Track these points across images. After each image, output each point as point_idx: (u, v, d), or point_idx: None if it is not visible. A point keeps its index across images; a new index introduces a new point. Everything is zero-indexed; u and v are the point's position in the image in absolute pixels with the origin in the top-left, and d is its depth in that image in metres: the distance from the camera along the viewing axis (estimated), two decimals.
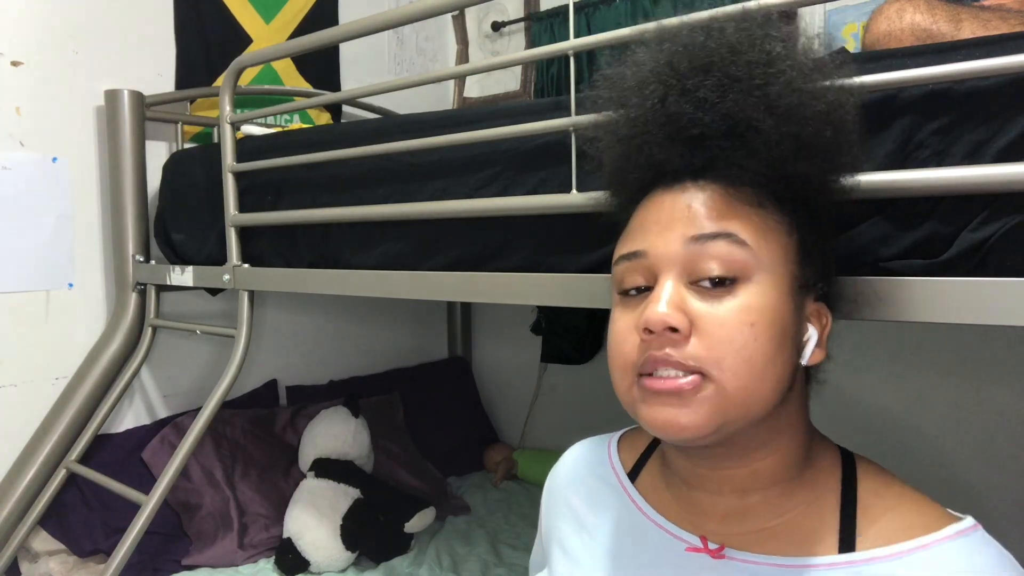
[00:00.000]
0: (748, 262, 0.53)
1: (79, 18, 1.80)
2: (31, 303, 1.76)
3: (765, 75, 0.54)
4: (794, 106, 0.54)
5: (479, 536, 2.00)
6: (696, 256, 0.53)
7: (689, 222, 0.54)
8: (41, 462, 1.69)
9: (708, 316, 0.52)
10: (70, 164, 1.80)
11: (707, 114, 0.54)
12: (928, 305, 0.71)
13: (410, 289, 1.22)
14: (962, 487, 1.75)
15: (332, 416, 2.05)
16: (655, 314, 0.52)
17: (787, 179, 0.55)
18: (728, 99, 0.54)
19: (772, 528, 0.57)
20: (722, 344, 0.51)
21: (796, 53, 0.55)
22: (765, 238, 0.54)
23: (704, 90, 0.54)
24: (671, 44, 0.58)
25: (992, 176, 0.67)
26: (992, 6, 0.90)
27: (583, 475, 0.72)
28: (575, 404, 2.51)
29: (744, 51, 0.55)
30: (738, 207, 0.54)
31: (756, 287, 0.53)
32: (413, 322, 2.72)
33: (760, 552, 0.57)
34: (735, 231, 0.53)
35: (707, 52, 0.55)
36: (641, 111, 0.57)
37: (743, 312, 0.52)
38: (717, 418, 0.52)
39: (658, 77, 0.57)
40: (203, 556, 1.77)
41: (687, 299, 0.53)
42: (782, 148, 0.54)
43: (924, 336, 1.79)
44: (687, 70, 0.55)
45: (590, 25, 2.30)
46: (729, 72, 0.54)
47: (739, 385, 0.52)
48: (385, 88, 1.26)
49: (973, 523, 0.53)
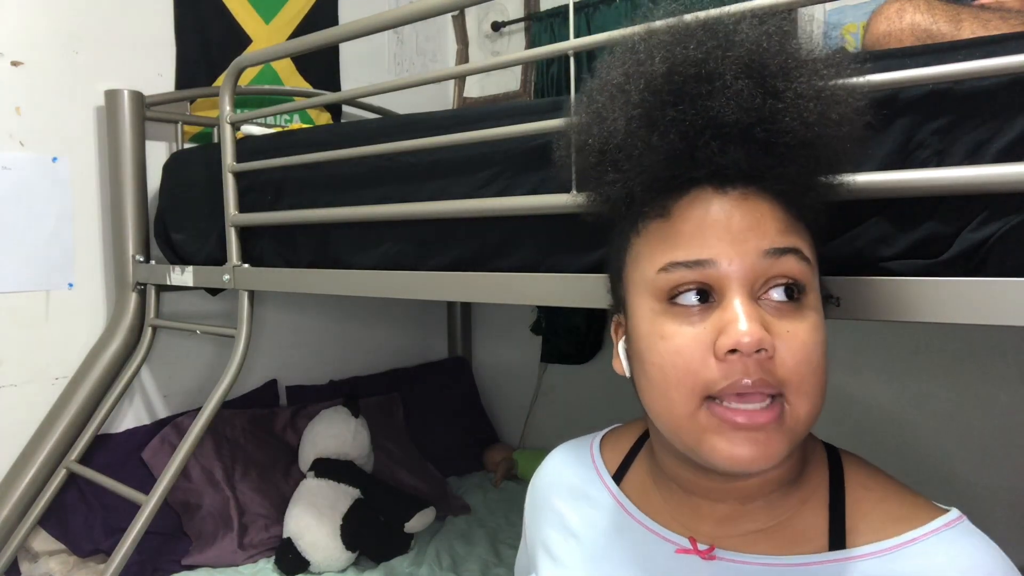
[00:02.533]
0: (810, 279, 0.52)
1: (79, 18, 1.80)
2: (31, 303, 1.76)
3: (830, 100, 0.53)
4: (832, 112, 0.53)
5: (479, 536, 2.00)
6: (767, 270, 0.51)
7: (762, 234, 0.51)
8: (41, 462, 1.69)
9: (788, 335, 0.50)
10: (70, 164, 1.80)
11: (796, 122, 0.52)
12: (928, 305, 0.71)
13: (410, 289, 1.22)
14: (962, 487, 1.75)
15: (332, 416, 2.05)
16: (743, 335, 0.48)
17: (816, 190, 0.55)
18: (813, 110, 0.51)
19: (765, 530, 0.57)
20: (804, 365, 0.50)
21: (819, 55, 0.55)
22: (813, 252, 0.54)
23: (793, 97, 0.52)
24: (738, 36, 0.53)
25: (992, 176, 0.67)
26: (992, 6, 0.90)
27: (567, 478, 0.71)
28: (575, 404, 2.51)
29: (809, 62, 0.53)
30: (791, 220, 0.53)
31: (814, 303, 0.52)
32: (413, 322, 2.72)
33: (751, 552, 0.56)
34: (800, 246, 0.52)
35: (785, 55, 0.53)
36: (717, 102, 0.51)
37: (815, 330, 0.51)
38: (788, 447, 0.50)
39: (744, 70, 0.52)
40: (203, 556, 1.77)
41: (763, 316, 0.50)
42: (822, 161, 0.54)
43: (924, 336, 1.79)
44: (773, 72, 0.52)
45: (590, 25, 2.30)
46: (816, 85, 0.52)
47: (808, 409, 0.51)
48: (385, 88, 1.26)
49: (958, 514, 0.54)
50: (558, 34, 2.45)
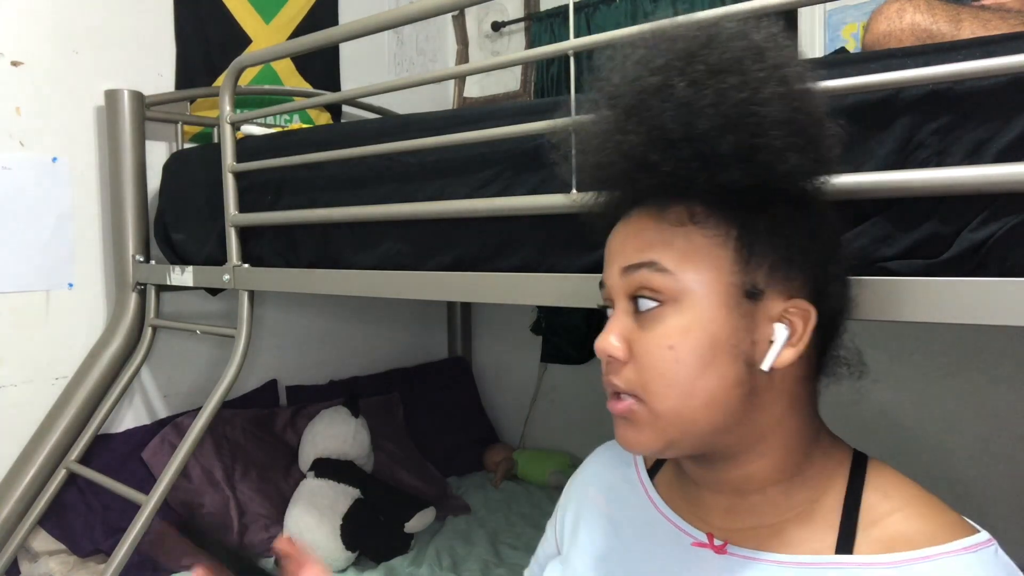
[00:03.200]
0: (669, 287, 0.55)
1: (79, 18, 1.80)
2: (31, 303, 1.76)
3: (652, 104, 0.55)
4: (687, 130, 0.53)
5: (479, 536, 2.00)
6: (629, 286, 0.57)
7: (622, 253, 0.58)
8: (41, 462, 1.69)
9: (638, 343, 0.56)
10: (70, 164, 1.80)
11: (613, 150, 0.58)
12: (928, 305, 0.71)
13: (410, 289, 1.22)
14: (962, 487, 1.75)
15: (332, 416, 2.05)
16: (598, 344, 0.58)
17: (705, 194, 0.56)
18: (628, 135, 0.56)
19: (773, 525, 0.58)
20: (647, 369, 0.55)
21: (689, 75, 0.54)
22: (690, 258, 0.55)
23: (610, 131, 0.58)
24: (596, 83, 0.62)
25: (992, 176, 0.67)
26: (992, 6, 0.90)
27: (608, 472, 0.75)
28: (575, 404, 2.51)
29: (630, 86, 0.57)
30: (664, 231, 0.56)
31: (680, 309, 0.55)
32: (413, 322, 2.72)
33: (761, 549, 0.58)
34: (656, 259, 0.56)
35: (608, 91, 0.59)
36: (589, 151, 0.62)
37: (662, 336, 0.55)
38: (660, 437, 0.56)
39: (606, 112, 0.60)
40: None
41: (631, 326, 0.57)
42: (682, 170, 0.55)
43: (924, 336, 1.79)
44: (602, 108, 0.60)
45: (590, 25, 2.30)
46: (625, 108, 0.57)
47: (667, 406, 0.55)
48: (385, 88, 1.26)
49: (987, 538, 0.52)
50: (558, 34, 2.45)
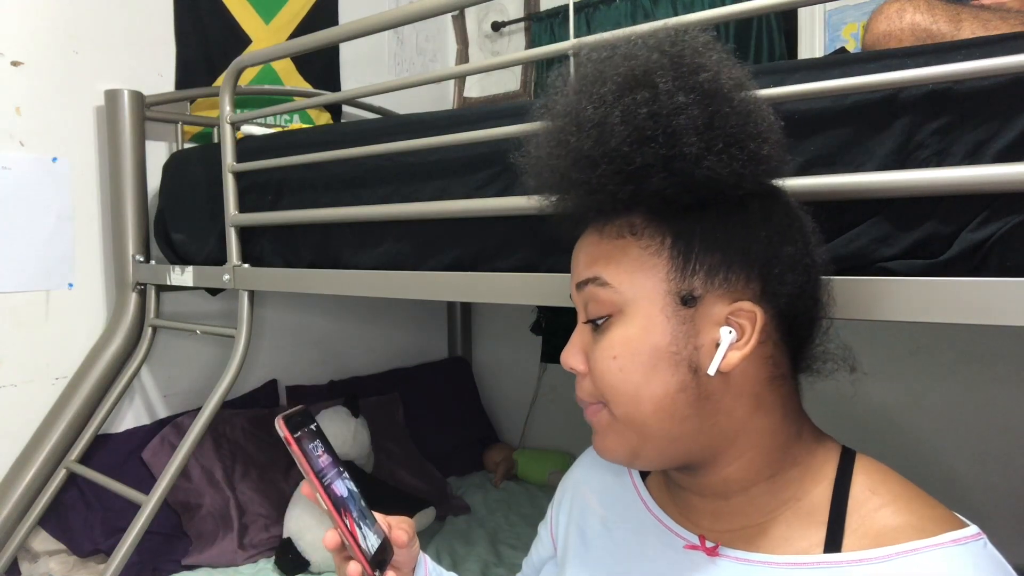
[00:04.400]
0: (612, 299, 0.57)
1: (79, 18, 1.80)
2: (31, 303, 1.76)
3: (571, 130, 0.57)
4: (602, 148, 0.54)
5: (479, 536, 2.00)
6: (581, 300, 0.60)
7: (575, 269, 0.62)
8: (41, 462, 1.69)
9: (592, 353, 0.59)
10: (70, 164, 1.80)
11: (548, 175, 0.61)
12: (928, 305, 0.71)
13: (410, 289, 1.22)
14: (961, 487, 1.75)
15: (332, 416, 2.05)
16: (562, 358, 0.62)
17: (628, 207, 0.57)
18: (558, 160, 0.58)
19: (761, 524, 0.58)
20: (597, 379, 0.58)
21: (595, 97, 0.55)
22: (627, 269, 0.57)
23: (545, 157, 0.60)
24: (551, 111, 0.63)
25: (992, 176, 0.67)
26: (992, 6, 0.90)
27: (600, 472, 0.75)
28: (575, 404, 2.49)
29: (553, 120, 0.59)
30: (606, 245, 0.58)
31: (624, 321, 0.57)
32: (413, 322, 2.71)
33: (751, 550, 0.58)
34: (599, 273, 0.58)
35: (546, 118, 0.61)
36: (543, 168, 0.63)
37: (605, 348, 0.57)
38: (625, 443, 0.58)
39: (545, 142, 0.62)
40: (203, 556, 1.77)
41: (588, 340, 0.60)
42: (604, 186, 0.55)
43: (924, 336, 1.79)
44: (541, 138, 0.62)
45: (590, 25, 2.30)
46: (556, 136, 0.58)
47: (624, 412, 0.57)
48: (385, 88, 1.26)
49: (976, 532, 0.51)
50: (558, 34, 2.45)
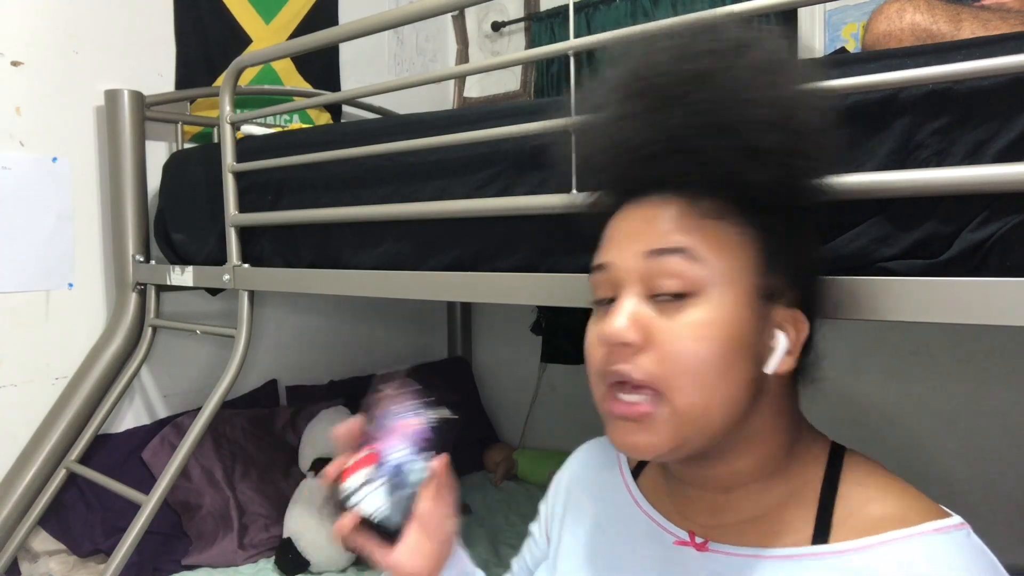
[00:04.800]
0: (702, 277, 0.54)
1: (79, 18, 1.80)
2: (31, 303, 1.76)
3: (700, 91, 0.54)
4: (737, 120, 0.54)
5: (479, 536, 2.00)
6: (652, 270, 0.55)
7: (648, 236, 0.56)
8: (41, 462, 1.69)
9: (662, 330, 0.54)
10: (70, 164, 1.80)
11: (648, 136, 0.56)
12: (928, 305, 0.71)
13: (410, 289, 1.22)
14: (961, 487, 1.75)
15: (332, 416, 2.05)
16: (610, 328, 0.54)
17: (744, 189, 0.56)
18: (671, 121, 0.55)
19: (753, 519, 0.59)
20: (671, 359, 0.53)
21: (739, 64, 0.55)
22: (722, 251, 0.55)
23: (645, 114, 0.56)
24: (623, 65, 0.60)
25: (992, 176, 0.67)
26: (992, 6, 0.90)
27: (592, 471, 0.75)
28: (575, 404, 2.51)
29: (677, 69, 0.56)
30: (697, 220, 0.55)
31: (710, 301, 0.54)
32: (413, 322, 2.71)
33: (740, 544, 0.59)
34: (689, 246, 0.54)
35: (644, 75, 0.58)
36: (601, 133, 0.61)
37: (693, 327, 0.53)
38: (674, 438, 0.54)
39: (612, 99, 0.60)
40: (203, 556, 1.77)
41: (647, 313, 0.55)
42: (729, 160, 0.54)
43: (924, 336, 1.79)
44: (631, 93, 0.58)
45: (590, 25, 2.30)
46: (666, 93, 0.56)
47: (689, 402, 0.53)
48: (385, 88, 1.26)
49: (959, 522, 0.53)
50: (558, 34, 2.45)
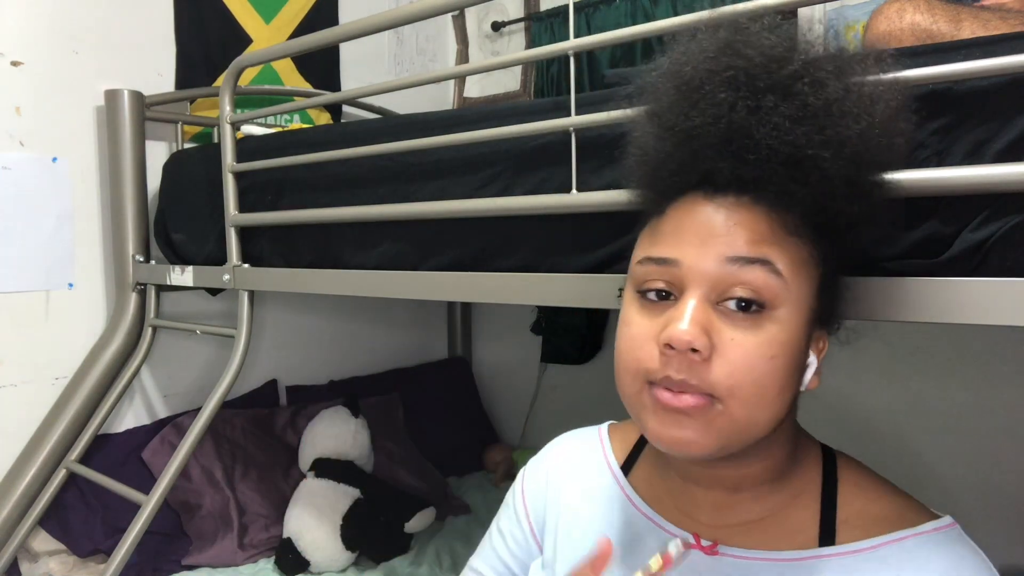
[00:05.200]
0: (779, 293, 0.52)
1: (79, 18, 1.80)
2: (31, 303, 1.76)
3: (842, 114, 0.51)
4: (860, 152, 0.52)
5: (479, 536, 1.98)
6: (729, 277, 0.52)
7: (729, 241, 0.52)
8: (41, 462, 1.69)
9: (732, 342, 0.51)
10: (70, 164, 1.80)
11: (774, 139, 0.51)
12: (928, 305, 0.71)
13: (410, 289, 1.22)
14: (960, 487, 1.75)
15: (332, 416, 2.05)
16: (680, 332, 0.51)
17: (830, 215, 0.54)
18: (800, 130, 0.51)
19: (760, 521, 0.59)
20: (740, 373, 0.51)
21: (871, 89, 0.53)
22: (798, 270, 0.53)
23: (779, 115, 0.51)
24: (752, 45, 0.54)
25: (992, 176, 0.67)
26: (992, 6, 0.90)
27: (576, 468, 0.73)
28: (575, 404, 2.51)
29: (827, 81, 0.52)
30: (779, 233, 0.53)
31: (781, 319, 0.52)
32: (413, 322, 2.71)
33: (750, 547, 0.58)
34: (773, 259, 0.52)
35: (791, 73, 0.52)
36: (703, 112, 0.54)
37: (767, 345, 0.51)
38: (720, 441, 0.52)
39: (731, 82, 0.53)
40: (203, 556, 1.77)
41: (712, 320, 0.52)
42: (837, 187, 0.52)
43: (924, 336, 1.79)
44: (766, 86, 0.52)
45: (590, 25, 2.30)
46: (808, 102, 0.51)
47: (746, 414, 0.52)
48: (385, 88, 1.26)
49: (951, 521, 0.56)
50: (558, 34, 2.45)
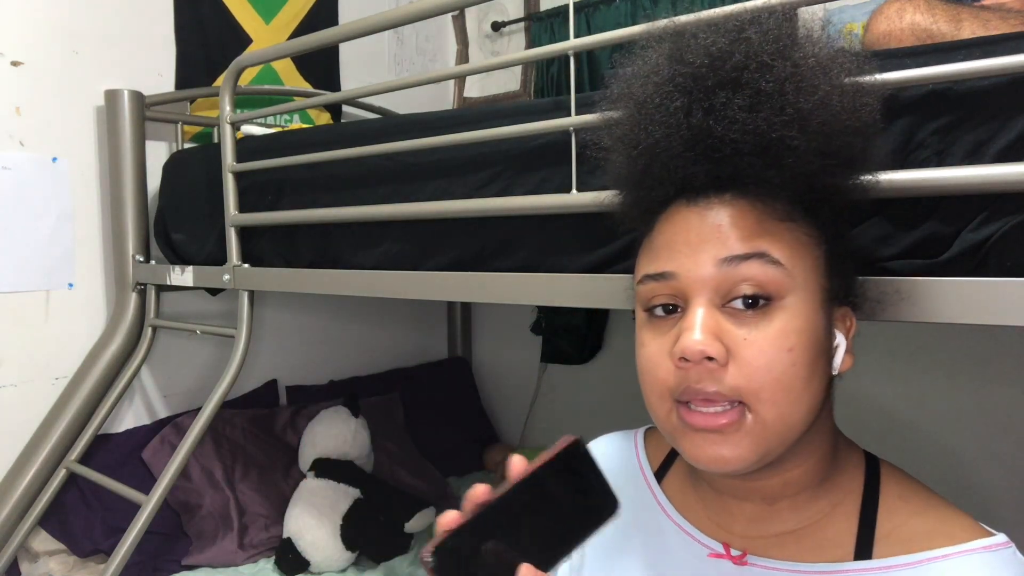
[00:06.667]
0: (782, 282, 0.51)
1: (79, 18, 1.80)
2: (31, 303, 1.76)
3: (797, 90, 0.51)
4: (826, 121, 0.51)
5: None
6: (728, 278, 0.51)
7: (719, 242, 0.51)
8: (41, 462, 1.69)
9: (745, 342, 0.50)
10: (70, 164, 1.80)
11: (736, 132, 0.51)
12: (928, 305, 0.71)
13: (410, 289, 1.22)
14: (963, 488, 1.75)
15: (332, 416, 2.05)
16: (691, 343, 0.49)
17: (817, 191, 0.53)
18: (759, 117, 0.50)
19: (795, 532, 0.57)
20: (761, 372, 0.49)
21: (823, 59, 0.52)
22: (797, 254, 0.52)
23: (734, 108, 0.51)
24: (693, 50, 0.53)
25: (992, 176, 0.67)
26: (992, 6, 0.90)
27: (610, 472, 0.71)
28: (575, 404, 2.51)
29: (773, 63, 0.51)
30: (768, 223, 0.52)
31: (791, 307, 0.51)
32: (413, 322, 2.71)
33: (781, 558, 0.56)
34: (767, 250, 0.51)
35: (735, 65, 0.52)
36: (662, 124, 0.53)
37: (781, 337, 0.50)
38: (759, 449, 0.51)
39: (681, 89, 0.53)
40: (203, 556, 1.77)
41: (722, 324, 0.51)
42: (813, 163, 0.52)
43: (924, 336, 1.79)
44: (714, 84, 0.52)
45: (590, 25, 2.30)
46: (760, 88, 0.51)
47: (778, 413, 0.50)
48: (385, 88, 1.26)
49: (1005, 540, 0.52)
50: (558, 34, 2.45)
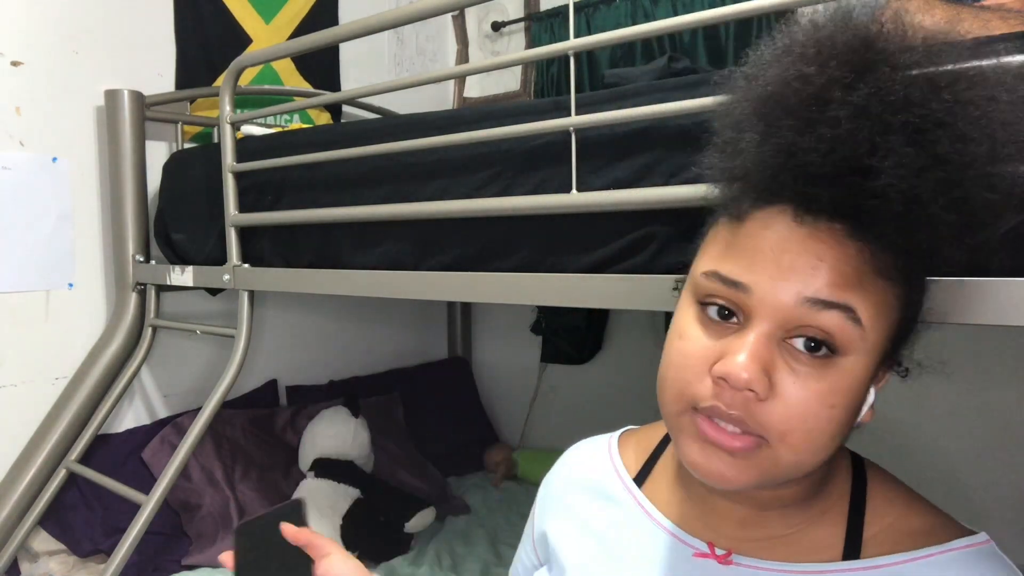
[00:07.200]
0: (854, 342, 0.48)
1: (79, 18, 1.80)
2: (31, 303, 1.76)
3: (964, 162, 0.45)
4: (980, 205, 0.46)
5: (479, 536, 2.00)
6: (802, 318, 0.47)
7: (810, 278, 0.47)
8: (41, 462, 1.69)
9: (792, 386, 0.48)
10: (70, 164, 1.80)
11: (893, 189, 0.45)
12: (928, 305, 0.71)
13: (410, 289, 1.22)
14: (961, 489, 1.75)
15: (332, 416, 2.05)
16: (739, 370, 0.47)
17: (935, 258, 0.49)
18: (925, 184, 0.45)
19: (785, 536, 0.57)
20: (796, 420, 0.47)
21: (994, 124, 0.45)
22: (880, 315, 0.49)
23: (905, 160, 0.45)
24: (873, 69, 0.46)
25: None
26: (992, 6, 0.90)
27: (585, 477, 0.71)
28: (575, 404, 2.51)
29: (957, 122, 0.45)
30: (864, 274, 0.48)
31: (850, 367, 0.48)
32: (413, 322, 2.72)
33: (767, 558, 0.56)
34: (855, 306, 0.47)
35: (924, 110, 0.45)
36: (820, 140, 0.47)
37: (829, 393, 0.48)
38: (763, 479, 0.50)
39: (860, 113, 0.46)
40: (203, 556, 1.76)
41: (775, 358, 0.48)
42: (944, 234, 0.47)
43: (923, 336, 1.79)
44: (899, 125, 0.45)
45: (590, 25, 2.30)
46: (940, 154, 0.45)
47: (794, 459, 0.49)
48: (385, 88, 1.26)
49: (985, 538, 0.52)
50: (558, 34, 2.45)
